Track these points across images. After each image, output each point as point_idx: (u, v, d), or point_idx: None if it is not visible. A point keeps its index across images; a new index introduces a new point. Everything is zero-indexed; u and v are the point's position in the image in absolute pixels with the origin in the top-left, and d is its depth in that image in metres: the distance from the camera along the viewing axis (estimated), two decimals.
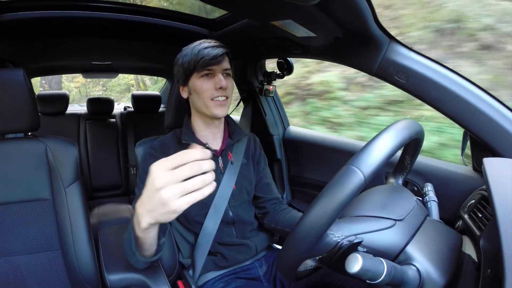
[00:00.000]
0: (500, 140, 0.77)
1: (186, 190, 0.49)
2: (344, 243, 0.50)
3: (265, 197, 1.06)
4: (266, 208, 1.05)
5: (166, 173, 0.49)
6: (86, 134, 2.29)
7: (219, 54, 0.85)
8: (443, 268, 0.51)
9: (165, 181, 0.49)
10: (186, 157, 0.49)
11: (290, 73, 1.39)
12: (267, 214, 1.05)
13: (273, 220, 1.02)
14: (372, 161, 0.48)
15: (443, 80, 0.80)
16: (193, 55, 0.86)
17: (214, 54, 0.84)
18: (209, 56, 0.84)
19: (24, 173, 0.94)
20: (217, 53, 0.85)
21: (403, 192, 0.67)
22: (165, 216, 0.52)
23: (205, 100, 0.88)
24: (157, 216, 0.53)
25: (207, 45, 0.86)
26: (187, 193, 0.49)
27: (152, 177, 0.50)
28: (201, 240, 0.93)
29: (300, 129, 1.60)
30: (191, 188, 0.49)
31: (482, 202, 0.71)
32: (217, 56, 0.85)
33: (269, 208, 1.05)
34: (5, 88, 0.90)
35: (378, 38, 0.83)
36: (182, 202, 0.49)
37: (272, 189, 1.09)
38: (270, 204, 1.06)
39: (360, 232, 0.52)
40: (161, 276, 0.84)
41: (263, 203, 1.06)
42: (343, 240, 0.50)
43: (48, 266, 0.94)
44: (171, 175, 0.49)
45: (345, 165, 0.49)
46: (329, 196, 0.47)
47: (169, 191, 0.49)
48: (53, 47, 1.55)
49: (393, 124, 0.56)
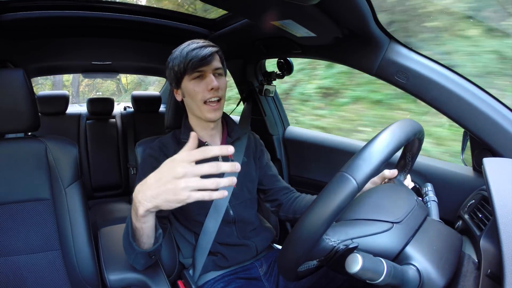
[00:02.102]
0: (500, 140, 0.77)
1: (200, 187, 0.53)
2: (340, 247, 0.50)
3: (274, 188, 1.06)
4: (279, 200, 1.05)
5: (188, 165, 0.53)
6: (86, 134, 2.29)
7: (208, 55, 0.84)
8: (443, 268, 0.51)
9: (186, 172, 0.52)
10: (208, 152, 0.53)
11: (290, 73, 1.39)
12: (281, 206, 1.04)
13: (290, 210, 1.01)
14: (366, 168, 0.48)
15: (443, 80, 0.80)
16: (182, 58, 0.85)
17: (202, 55, 0.83)
18: (197, 57, 0.83)
19: (24, 173, 0.94)
20: (205, 54, 0.84)
21: (403, 192, 0.66)
22: (169, 203, 0.55)
23: (198, 103, 0.87)
24: (160, 202, 0.56)
25: (195, 46, 0.85)
26: (199, 189, 0.53)
27: (173, 164, 0.54)
28: (202, 240, 0.93)
29: (300, 129, 1.60)
30: (205, 186, 0.53)
31: (482, 202, 0.71)
32: (205, 57, 0.84)
33: (281, 199, 1.05)
34: (5, 88, 0.90)
35: (378, 38, 0.83)
36: (192, 196, 0.53)
37: (279, 180, 1.08)
38: (282, 195, 1.05)
39: (357, 236, 0.52)
40: (161, 276, 0.84)
41: (274, 195, 1.06)
42: (339, 245, 0.50)
43: (48, 266, 0.94)
44: (193, 168, 0.53)
45: (339, 172, 0.49)
46: (323, 203, 0.47)
47: (186, 182, 0.52)
48: (53, 47, 1.55)
49: (390, 126, 0.56)
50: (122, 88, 6.43)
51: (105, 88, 6.97)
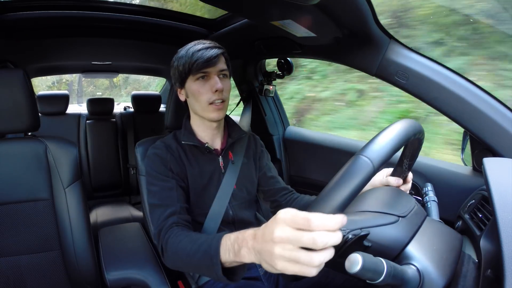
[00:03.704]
0: (500, 140, 0.77)
1: (295, 260, 0.44)
2: (349, 236, 0.50)
3: (273, 189, 1.06)
4: (278, 201, 1.05)
5: (290, 230, 0.44)
6: (86, 134, 2.29)
7: (213, 56, 0.83)
8: (443, 268, 0.51)
9: (284, 239, 0.44)
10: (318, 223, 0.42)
11: (290, 73, 1.39)
12: (280, 207, 1.04)
13: None
14: (382, 151, 0.48)
15: (443, 80, 0.80)
16: (187, 58, 0.84)
17: (208, 56, 0.83)
18: (203, 58, 0.82)
19: (24, 173, 0.94)
20: (211, 55, 0.83)
21: (402, 193, 0.67)
22: (267, 266, 0.48)
23: (203, 104, 0.87)
24: (261, 259, 0.49)
25: (201, 47, 0.84)
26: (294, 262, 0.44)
27: (275, 225, 0.46)
28: None
29: (300, 129, 1.60)
30: (300, 261, 0.43)
31: (482, 202, 0.71)
32: (211, 58, 0.83)
33: (280, 200, 1.04)
34: (5, 88, 0.90)
35: (378, 38, 0.83)
36: (285, 266, 0.45)
37: (278, 181, 1.08)
38: (281, 196, 1.05)
39: (365, 226, 0.52)
40: (161, 276, 0.84)
41: (273, 196, 1.06)
42: (348, 234, 0.50)
43: (48, 266, 0.94)
44: (293, 237, 0.43)
45: (355, 155, 0.49)
46: (339, 186, 0.46)
47: (281, 250, 0.45)
48: (53, 47, 1.55)
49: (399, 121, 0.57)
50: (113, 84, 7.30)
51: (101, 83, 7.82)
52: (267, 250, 0.47)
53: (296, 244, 0.43)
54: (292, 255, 0.44)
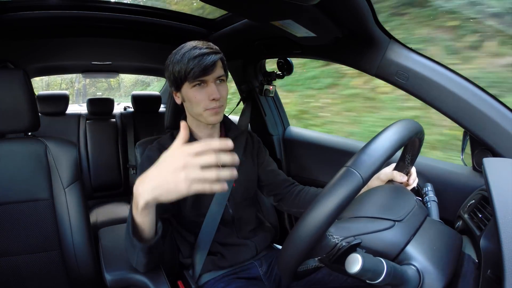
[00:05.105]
0: (500, 140, 0.77)
1: (200, 178, 0.52)
2: (343, 244, 0.50)
3: (274, 182, 1.05)
4: (281, 193, 1.05)
5: (189, 157, 0.53)
6: (86, 134, 2.29)
7: (210, 64, 0.80)
8: (443, 268, 0.51)
9: (187, 163, 0.53)
10: (209, 145, 0.53)
11: (290, 73, 1.39)
12: (283, 199, 1.04)
13: (293, 204, 1.00)
14: (371, 163, 0.48)
15: (443, 80, 0.80)
16: (183, 65, 0.81)
17: (205, 65, 0.80)
18: (199, 67, 0.80)
19: (24, 173, 0.94)
20: (207, 63, 0.80)
21: (403, 192, 0.67)
22: (167, 195, 0.55)
23: (200, 110, 0.86)
24: (160, 193, 0.56)
25: (197, 53, 0.80)
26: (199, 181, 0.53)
27: (174, 155, 0.55)
28: (201, 240, 0.93)
29: (300, 129, 1.60)
30: (205, 178, 0.52)
31: (482, 202, 0.71)
32: (208, 67, 0.80)
33: (283, 192, 1.04)
34: (5, 88, 0.90)
35: (378, 38, 0.83)
36: (191, 187, 0.53)
37: (279, 173, 1.08)
38: (283, 188, 1.05)
39: (359, 233, 0.52)
40: (161, 276, 0.84)
41: (275, 189, 1.05)
42: (342, 242, 0.50)
43: (47, 266, 0.94)
44: (194, 159, 0.53)
45: (344, 167, 0.49)
46: (328, 198, 0.47)
47: (186, 173, 0.52)
48: (53, 47, 1.55)
49: (392, 125, 0.56)
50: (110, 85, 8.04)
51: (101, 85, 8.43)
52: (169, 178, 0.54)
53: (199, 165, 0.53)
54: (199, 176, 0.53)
